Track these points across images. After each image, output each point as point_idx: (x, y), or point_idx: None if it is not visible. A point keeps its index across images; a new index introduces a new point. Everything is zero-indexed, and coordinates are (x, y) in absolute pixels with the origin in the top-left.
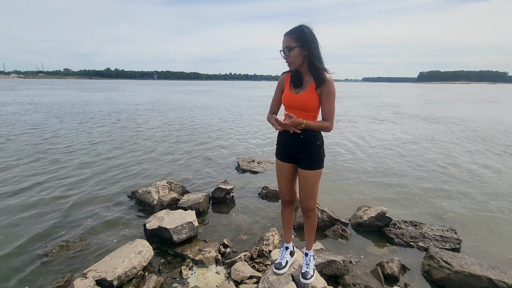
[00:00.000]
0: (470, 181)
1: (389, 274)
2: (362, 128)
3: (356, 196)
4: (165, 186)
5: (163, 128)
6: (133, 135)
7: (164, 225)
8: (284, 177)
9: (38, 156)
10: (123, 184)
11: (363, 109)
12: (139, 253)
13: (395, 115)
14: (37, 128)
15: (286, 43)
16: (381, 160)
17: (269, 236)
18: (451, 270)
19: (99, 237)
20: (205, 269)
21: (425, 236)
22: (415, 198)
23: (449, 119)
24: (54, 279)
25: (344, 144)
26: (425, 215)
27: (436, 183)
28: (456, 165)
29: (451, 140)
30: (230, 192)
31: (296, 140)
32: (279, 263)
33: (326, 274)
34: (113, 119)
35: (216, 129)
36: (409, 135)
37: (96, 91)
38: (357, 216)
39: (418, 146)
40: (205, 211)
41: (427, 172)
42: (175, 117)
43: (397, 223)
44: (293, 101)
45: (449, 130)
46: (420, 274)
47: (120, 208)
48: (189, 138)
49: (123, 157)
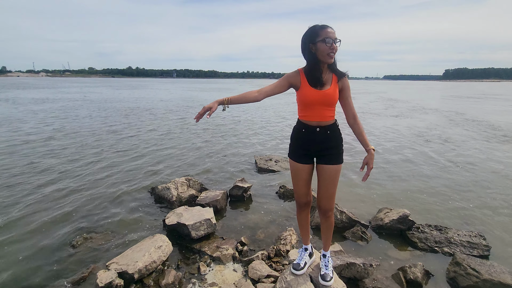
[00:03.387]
0: (500, 185)
1: (411, 280)
2: (382, 125)
3: (376, 197)
4: (183, 182)
5: (184, 125)
6: (159, 132)
7: (182, 221)
8: (303, 179)
9: (63, 150)
10: (144, 180)
11: (382, 104)
12: (159, 248)
13: (420, 112)
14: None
15: (336, 35)
16: (403, 158)
17: (287, 236)
18: (479, 278)
19: (120, 230)
20: (222, 266)
21: (450, 241)
22: (441, 201)
23: (477, 119)
24: (79, 269)
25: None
26: (451, 219)
27: (464, 186)
28: (485, 167)
29: (481, 141)
30: (247, 190)
31: (325, 136)
32: (297, 263)
33: (345, 277)
34: (143, 116)
35: (235, 127)
36: (435, 134)
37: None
38: (377, 218)
39: (445, 146)
40: (223, 209)
41: (454, 174)
42: (193, 115)
43: (420, 227)
44: (320, 97)
45: (478, 130)
46: (445, 281)
47: (140, 203)
48: (208, 135)
49: (146, 154)
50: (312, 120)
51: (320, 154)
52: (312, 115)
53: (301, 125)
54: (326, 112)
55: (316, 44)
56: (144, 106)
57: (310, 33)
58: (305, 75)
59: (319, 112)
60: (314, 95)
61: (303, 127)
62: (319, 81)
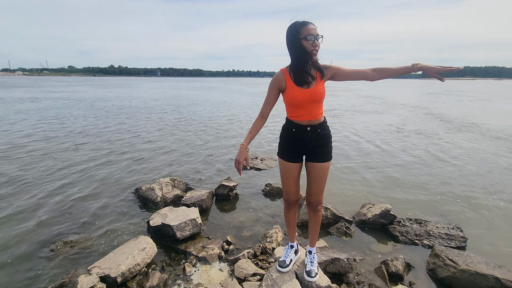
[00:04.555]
0: (476, 177)
1: (393, 272)
2: (362, 122)
3: (359, 193)
4: (168, 183)
5: (168, 124)
6: (139, 131)
7: (167, 222)
8: (293, 178)
9: (41, 151)
10: (127, 180)
11: (358, 101)
12: (143, 250)
13: (400, 110)
14: (52, 122)
15: (317, 31)
16: (381, 153)
17: (273, 233)
18: (457, 268)
19: (102, 233)
20: (208, 266)
21: (430, 234)
22: (420, 195)
23: (452, 115)
24: (58, 275)
25: (345, 139)
26: (430, 213)
27: (441, 179)
28: (461, 160)
29: (453, 136)
30: (233, 189)
31: (316, 135)
32: (283, 261)
33: (330, 272)
34: (123, 115)
35: (220, 125)
36: (412, 130)
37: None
38: (361, 213)
39: (421, 141)
40: (208, 208)
41: (431, 168)
42: (181, 114)
43: (401, 221)
44: (308, 96)
45: (451, 126)
46: (425, 272)
47: (123, 204)
48: (193, 135)
49: (128, 153)
50: (302, 120)
51: (311, 152)
52: (302, 115)
53: (291, 124)
54: (316, 110)
55: (299, 42)
56: (133, 105)
57: (293, 31)
58: (290, 74)
59: (309, 111)
60: (302, 95)
61: (293, 127)
62: (307, 79)
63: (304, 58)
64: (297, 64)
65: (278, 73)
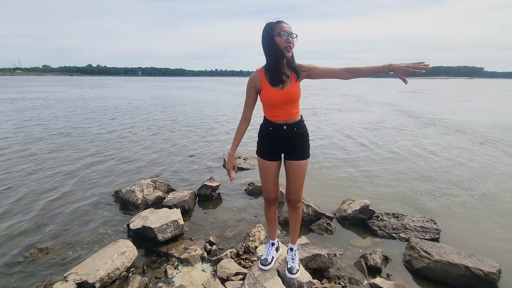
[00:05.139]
0: (447, 171)
1: (372, 266)
2: (342, 120)
3: (340, 189)
4: (149, 184)
5: (152, 125)
6: (118, 133)
7: (148, 225)
8: (272, 176)
9: (19, 154)
10: (107, 183)
11: (336, 99)
12: (123, 254)
13: (375, 108)
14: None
15: (291, 29)
16: (362, 152)
17: (255, 232)
18: (431, 259)
19: (80, 239)
20: (190, 268)
21: (406, 227)
22: (397, 190)
23: (422, 112)
24: (32, 284)
25: (326, 137)
26: (407, 207)
27: (415, 174)
28: (433, 155)
29: (424, 131)
30: (216, 189)
31: (293, 134)
32: (265, 259)
33: (311, 268)
34: (107, 116)
35: (204, 125)
36: (387, 126)
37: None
38: (341, 209)
39: (396, 137)
40: (191, 209)
41: (407, 163)
42: (165, 114)
43: (379, 215)
44: (283, 96)
45: (421, 122)
46: (402, 264)
47: (103, 208)
48: (176, 135)
49: (109, 155)
50: (279, 119)
51: (289, 151)
52: (278, 115)
53: (268, 123)
54: (291, 109)
55: (274, 39)
56: (117, 105)
57: (267, 29)
58: (265, 75)
59: (285, 111)
60: (277, 95)
61: (270, 126)
62: (282, 79)
63: (278, 56)
64: (271, 63)
65: (253, 74)
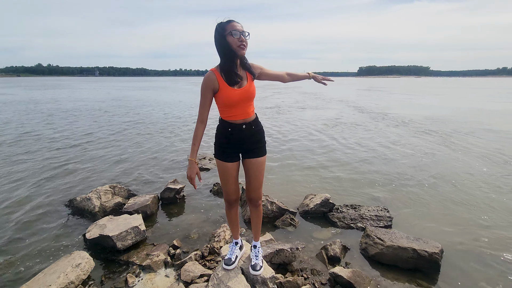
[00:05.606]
0: (399, 161)
1: (332, 256)
2: (302, 118)
3: (303, 185)
4: (107, 190)
5: (110, 128)
6: (75, 137)
7: (106, 233)
8: (233, 177)
9: None
10: (62, 191)
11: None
12: (77, 266)
13: (333, 105)
14: None
15: (243, 28)
16: (322, 147)
17: (221, 232)
18: (384, 245)
19: (32, 253)
20: (153, 274)
21: (363, 217)
22: (355, 182)
23: (373, 107)
24: None
25: (289, 134)
26: (364, 197)
27: (371, 166)
28: (387, 148)
29: (379, 126)
30: (180, 191)
31: (252, 132)
32: (228, 258)
33: (275, 263)
34: (59, 120)
35: (167, 126)
36: (344, 122)
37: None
38: (304, 204)
39: (351, 132)
40: (154, 214)
41: (363, 156)
42: (125, 115)
43: (339, 208)
44: (241, 95)
45: (376, 117)
46: (359, 252)
47: (57, 219)
48: (138, 137)
49: (65, 161)
50: (237, 119)
51: (248, 149)
52: (237, 114)
53: (226, 124)
54: (249, 108)
55: (226, 38)
56: (70, 107)
57: (218, 29)
58: (221, 74)
59: (243, 110)
60: (236, 95)
61: (228, 127)
62: (237, 79)
63: (231, 55)
64: (226, 63)
65: (209, 74)
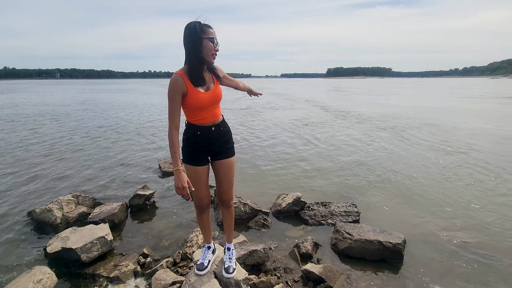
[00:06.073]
0: (363, 158)
1: (304, 253)
2: (273, 118)
3: (275, 185)
4: (70, 200)
5: (74, 133)
6: (35, 145)
7: (69, 246)
8: (204, 182)
9: None
10: (20, 203)
11: (268, 98)
12: (39, 282)
13: (302, 105)
14: None
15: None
16: (293, 147)
17: (193, 237)
18: (352, 239)
19: None
20: (122, 285)
21: (333, 213)
22: (325, 179)
23: (337, 107)
24: None
25: (261, 135)
26: (333, 194)
27: (339, 164)
28: (350, 145)
29: (345, 124)
30: (150, 197)
31: (220, 133)
32: (201, 263)
33: (249, 264)
34: (19, 127)
35: (135, 129)
36: (313, 122)
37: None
38: (276, 204)
39: (322, 131)
40: (122, 222)
41: (331, 154)
42: (90, 120)
43: (310, 206)
44: (210, 98)
45: (341, 116)
46: (330, 247)
47: (14, 233)
48: (105, 143)
49: (22, 170)
50: (206, 121)
51: (217, 151)
52: (206, 117)
53: (195, 128)
54: (217, 110)
55: (202, 41)
56: (30, 112)
57: (195, 29)
58: (189, 78)
59: (212, 113)
60: (205, 98)
61: (197, 130)
62: (204, 81)
63: (202, 58)
64: (196, 64)
65: (176, 78)
